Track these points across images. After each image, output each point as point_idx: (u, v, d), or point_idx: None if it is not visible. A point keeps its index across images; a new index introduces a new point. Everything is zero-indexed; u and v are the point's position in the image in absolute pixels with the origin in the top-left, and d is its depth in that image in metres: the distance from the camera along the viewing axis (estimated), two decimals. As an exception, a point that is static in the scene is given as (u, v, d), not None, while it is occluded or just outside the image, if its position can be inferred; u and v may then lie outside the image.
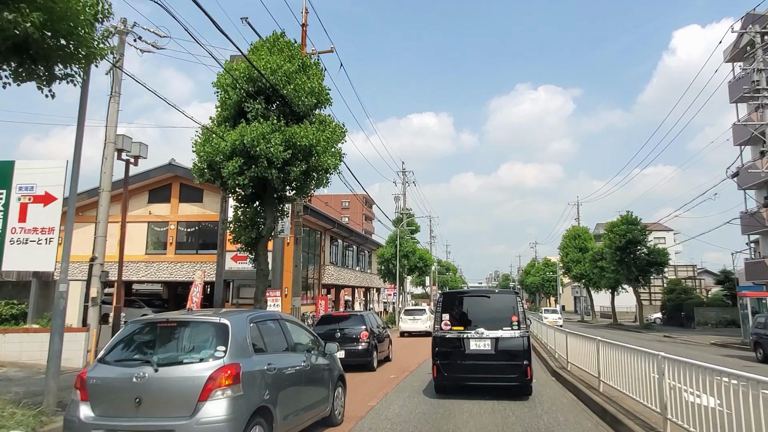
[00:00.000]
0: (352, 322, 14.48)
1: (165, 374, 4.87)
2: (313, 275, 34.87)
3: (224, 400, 4.75)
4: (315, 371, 6.76)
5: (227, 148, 12.76)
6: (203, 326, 5.47)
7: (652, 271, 37.24)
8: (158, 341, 5.43)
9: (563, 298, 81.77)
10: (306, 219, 32.38)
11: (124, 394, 4.84)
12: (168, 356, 5.16)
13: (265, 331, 5.99)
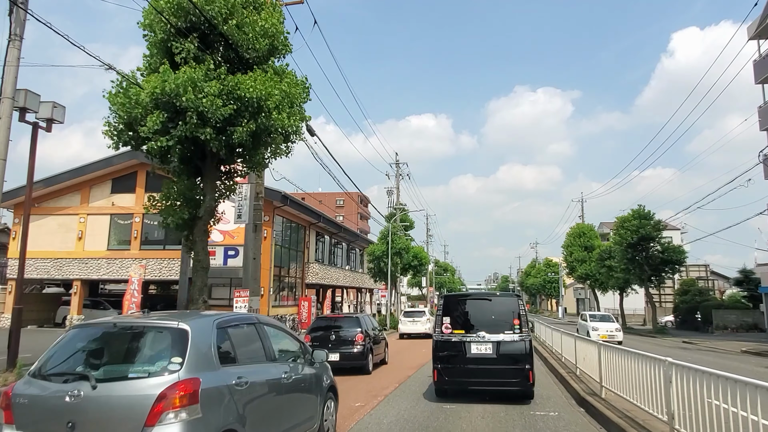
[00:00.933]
0: (347, 324, 13.70)
1: (105, 392, 3.94)
2: (295, 274, 31.75)
3: (177, 424, 3.82)
4: (300, 383, 5.75)
5: (147, 100, 9.71)
6: (158, 332, 4.46)
7: (666, 271, 34.20)
8: (103, 351, 4.50)
9: (564, 300, 78.58)
10: (286, 212, 29.30)
11: (56, 417, 3.93)
12: (111, 370, 4.23)
13: (236, 338, 5.01)
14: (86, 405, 3.90)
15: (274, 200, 26.69)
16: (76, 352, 4.45)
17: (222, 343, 4.64)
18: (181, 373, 4.01)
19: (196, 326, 4.44)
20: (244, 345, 5.10)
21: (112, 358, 4.45)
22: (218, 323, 4.76)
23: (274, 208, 27.34)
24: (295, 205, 28.44)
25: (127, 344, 4.46)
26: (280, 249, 29.26)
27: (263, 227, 27.94)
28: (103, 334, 4.59)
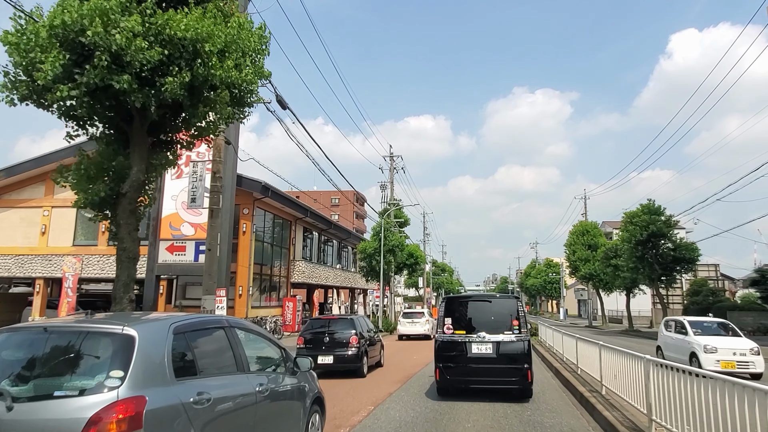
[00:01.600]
0: (342, 325, 13.22)
1: (24, 415, 3.11)
2: (279, 273, 29.43)
3: None
4: (279, 397, 4.92)
5: (44, 36, 7.44)
6: (97, 339, 3.59)
7: (678, 270, 31.95)
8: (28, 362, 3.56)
9: (565, 301, 76.25)
10: (269, 204, 26.99)
11: None
12: (35, 385, 3.34)
13: (199, 345, 4.15)
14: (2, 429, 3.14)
15: (253, 191, 24.42)
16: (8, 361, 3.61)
17: (178, 352, 3.86)
18: (121, 390, 3.27)
19: (146, 331, 3.68)
20: (208, 353, 4.34)
21: (40, 371, 3.54)
22: (176, 327, 3.94)
23: (254, 200, 25.05)
24: (278, 197, 26.14)
25: (60, 354, 3.59)
26: (261, 245, 26.96)
27: (242, 221, 25.68)
28: (31, 341, 3.72)
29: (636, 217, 32.27)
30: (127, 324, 3.67)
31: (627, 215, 33.17)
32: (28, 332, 3.89)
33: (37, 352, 3.60)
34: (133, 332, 3.56)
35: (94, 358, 3.60)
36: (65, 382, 3.38)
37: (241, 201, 24.93)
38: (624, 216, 33.52)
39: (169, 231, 21.76)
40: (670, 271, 32.29)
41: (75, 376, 3.43)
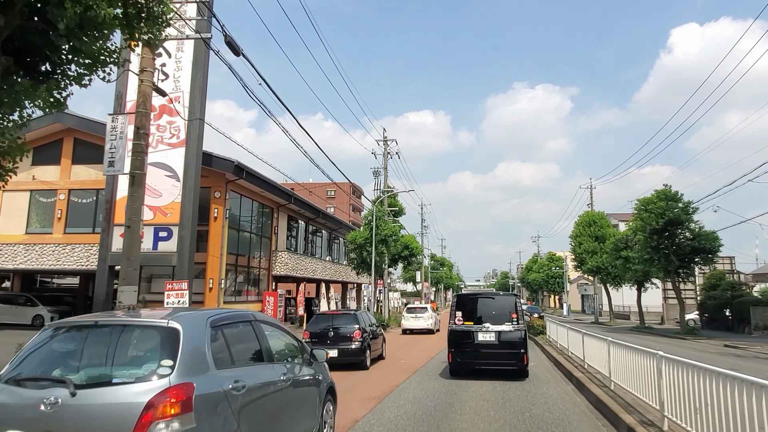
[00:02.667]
0: (345, 320, 13.64)
1: (85, 400, 3.38)
2: (259, 264, 26.70)
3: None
4: (299, 385, 5.25)
5: None
6: (144, 332, 3.92)
7: (696, 261, 29.20)
8: (83, 353, 3.84)
9: (568, 296, 73.50)
10: (245, 188, 24.22)
11: (30, 427, 3.36)
12: (93, 374, 3.64)
13: (232, 338, 4.41)
14: (64, 414, 3.35)
15: (226, 172, 21.66)
16: (53, 355, 3.91)
17: (216, 344, 4.10)
18: (172, 377, 3.51)
19: (189, 325, 3.92)
20: (239, 345, 4.57)
21: (94, 361, 3.80)
22: (212, 321, 4.20)
23: (227, 182, 22.29)
24: (254, 179, 23.38)
25: (111, 345, 3.81)
26: (237, 234, 24.22)
27: (212, 205, 22.89)
28: (84, 335, 3.97)
29: (651, 203, 29.47)
30: (171, 318, 3.89)
31: (641, 202, 30.37)
32: (81, 326, 4.06)
33: (91, 344, 3.87)
34: (177, 326, 3.81)
35: (145, 349, 3.82)
36: (120, 371, 3.62)
37: (212, 183, 22.21)
38: (637, 203, 30.73)
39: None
40: (688, 263, 29.51)
41: (128, 366, 3.69)
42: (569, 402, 8.50)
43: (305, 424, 5.28)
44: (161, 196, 18.92)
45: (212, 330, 4.10)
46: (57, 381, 3.55)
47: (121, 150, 9.57)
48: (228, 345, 4.28)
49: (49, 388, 3.48)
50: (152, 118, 20.29)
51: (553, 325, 19.26)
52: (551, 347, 16.69)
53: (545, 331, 21.44)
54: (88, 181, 23.02)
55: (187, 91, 19.20)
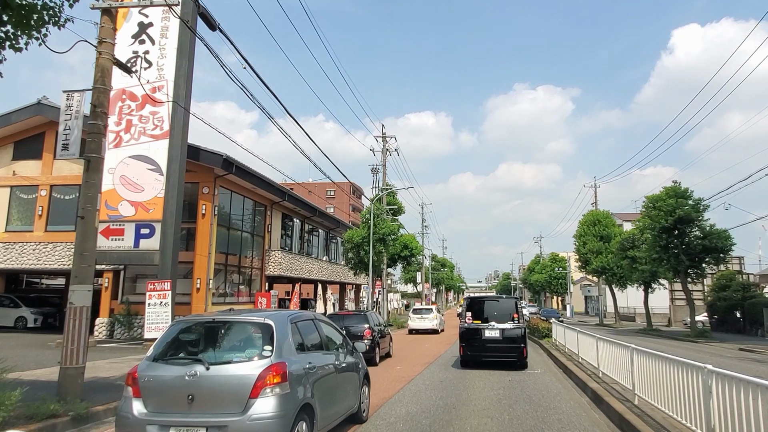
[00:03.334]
0: (356, 320, 14.69)
1: (216, 372, 4.86)
2: (251, 264, 25.59)
3: (273, 397, 4.79)
4: (345, 370, 6.70)
5: None
6: (248, 326, 5.48)
7: (707, 261, 28.03)
8: (205, 340, 5.39)
9: (572, 297, 72.22)
10: (235, 184, 23.10)
11: (177, 391, 4.84)
12: (218, 355, 5.14)
13: (303, 331, 5.96)
14: (202, 382, 4.78)
15: (214, 166, 20.54)
16: (187, 341, 5.40)
17: (295, 336, 5.59)
18: (272, 358, 4.98)
19: (277, 321, 5.36)
20: (307, 337, 6.00)
21: (215, 345, 5.31)
22: (290, 319, 5.76)
23: (216, 178, 21.17)
24: (245, 174, 22.26)
25: (227, 335, 5.42)
26: (227, 232, 23.11)
27: (200, 202, 21.74)
28: (206, 327, 5.50)
29: (660, 201, 28.29)
30: (265, 317, 5.38)
31: (649, 199, 29.19)
32: (203, 322, 5.62)
33: (210, 335, 5.42)
34: (270, 322, 5.28)
35: (251, 338, 5.30)
36: (237, 353, 5.15)
37: (200, 178, 21.10)
38: (645, 201, 29.55)
39: (105, 211, 17.90)
40: (699, 263, 28.32)
41: (241, 350, 5.22)
42: (586, 419, 7.36)
43: (350, 401, 6.70)
44: (143, 190, 17.82)
45: (291, 325, 5.55)
46: (194, 359, 4.94)
47: (76, 131, 8.45)
48: (302, 336, 5.75)
49: (190, 364, 4.89)
50: (134, 108, 19.29)
51: (560, 328, 18.12)
52: (558, 352, 15.55)
53: (551, 333, 20.31)
54: (71, 177, 21.90)
55: (172, 79, 18.09)
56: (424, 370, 13.02)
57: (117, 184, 18.03)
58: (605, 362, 9.68)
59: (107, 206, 17.96)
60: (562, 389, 9.86)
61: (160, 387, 4.93)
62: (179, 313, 20.54)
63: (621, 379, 8.41)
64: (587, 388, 9.16)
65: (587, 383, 9.32)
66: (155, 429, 4.74)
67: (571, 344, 14.83)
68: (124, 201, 17.93)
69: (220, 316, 5.63)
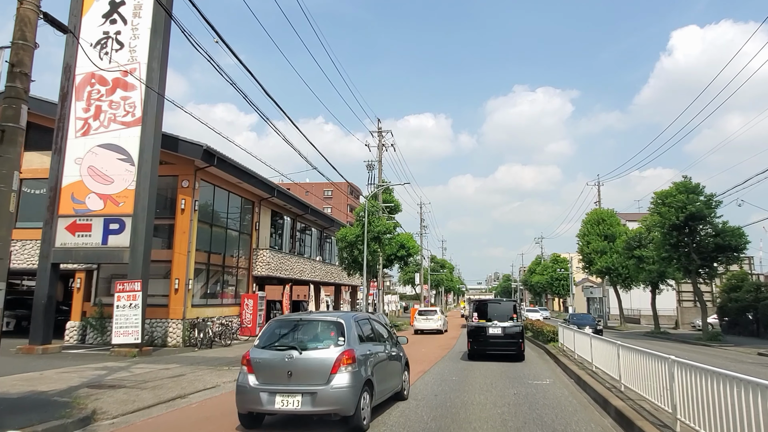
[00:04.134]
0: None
1: (307, 356, 6.71)
2: (237, 264, 24.11)
3: (347, 373, 6.56)
4: (393, 358, 8.54)
5: None
6: (326, 324, 7.32)
7: (720, 259, 26.57)
8: (296, 333, 7.20)
9: (574, 299, 70.68)
10: (218, 177, 21.60)
11: (279, 369, 6.64)
12: (306, 344, 6.94)
13: (362, 327, 7.76)
14: (297, 362, 6.63)
15: (194, 158, 19.08)
16: (282, 334, 7.23)
17: (357, 330, 7.41)
18: (344, 346, 6.80)
19: (346, 320, 7.25)
20: (365, 331, 7.80)
21: (304, 337, 7.14)
22: (354, 318, 7.63)
23: (197, 170, 19.71)
24: (229, 167, 20.80)
25: (311, 330, 7.31)
26: (210, 229, 21.63)
27: (180, 196, 20.25)
28: (295, 324, 7.41)
29: (669, 197, 26.84)
30: (337, 317, 7.34)
31: (658, 195, 27.73)
32: (293, 320, 7.54)
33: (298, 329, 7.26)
34: (341, 320, 7.17)
35: (329, 332, 7.07)
36: (320, 342, 6.95)
37: (180, 171, 19.65)
38: (654, 197, 28.08)
39: (71, 205, 16.44)
40: (711, 262, 26.86)
41: (323, 340, 6.99)
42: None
43: (395, 381, 8.51)
44: (113, 182, 16.35)
45: (354, 322, 7.45)
46: (290, 347, 6.81)
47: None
48: (362, 330, 7.61)
49: (287, 350, 6.76)
50: (104, 93, 17.80)
51: (569, 332, 16.63)
52: (567, 359, 14.05)
53: (557, 337, 18.83)
54: (42, 170, 20.39)
55: (145, 62, 16.65)
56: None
57: (85, 175, 16.56)
58: (628, 374, 8.21)
59: (74, 199, 16.50)
60: (578, 406, 8.38)
61: (267, 365, 6.70)
62: (156, 315, 19.09)
63: (651, 395, 6.93)
64: (609, 405, 7.68)
65: (609, 399, 7.84)
66: (266, 395, 6.48)
67: (582, 350, 13.35)
68: (92, 194, 16.45)
69: (305, 316, 7.78)
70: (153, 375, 11.41)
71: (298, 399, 6.39)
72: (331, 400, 6.38)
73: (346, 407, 6.40)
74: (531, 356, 16.73)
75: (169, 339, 18.63)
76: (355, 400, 6.50)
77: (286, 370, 6.54)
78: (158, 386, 9.96)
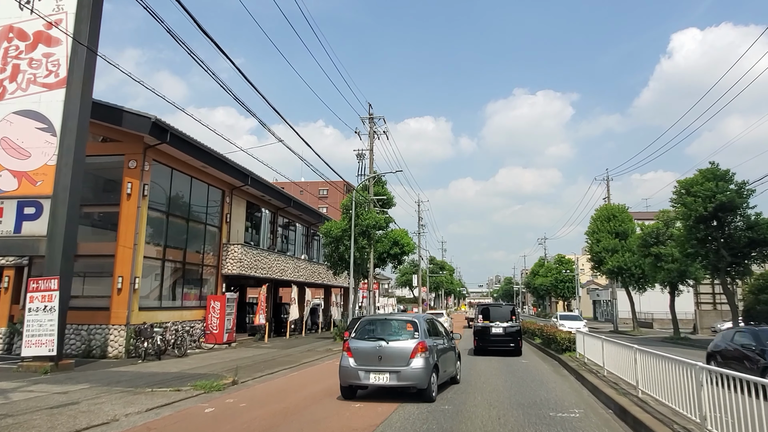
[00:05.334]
0: None
1: (392, 345, 9.00)
2: (202, 261, 21.05)
3: (422, 358, 8.79)
4: (450, 349, 10.79)
5: None
6: (404, 321, 9.74)
7: (754, 256, 23.51)
8: (381, 328, 9.65)
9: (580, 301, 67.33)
10: (176, 159, 18.42)
11: (372, 354, 8.94)
12: (391, 336, 9.24)
13: (429, 324, 10.14)
14: (385, 350, 8.90)
15: (143, 134, 16.02)
16: (370, 328, 9.67)
17: (426, 326, 9.74)
18: (419, 338, 9.05)
19: (418, 319, 9.70)
20: (430, 327, 10.12)
21: (388, 331, 9.47)
22: (423, 317, 10.11)
23: (146, 148, 16.68)
24: (186, 146, 17.77)
25: (393, 326, 9.67)
26: (166, 219, 18.56)
27: (126, 179, 17.08)
28: (381, 321, 9.99)
29: (695, 185, 23.74)
30: (412, 317, 9.85)
31: (682, 184, 24.64)
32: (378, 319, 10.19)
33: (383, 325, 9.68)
34: (415, 320, 9.55)
35: (407, 328, 9.38)
36: (401, 335, 9.24)
37: (126, 149, 16.62)
38: (677, 186, 24.98)
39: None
40: (742, 258, 23.75)
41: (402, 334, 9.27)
42: None
43: (452, 368, 10.87)
44: (30, 157, 13.31)
45: (423, 321, 9.81)
46: (379, 338, 9.06)
47: None
48: (429, 327, 9.88)
49: (377, 340, 9.02)
50: (23, 50, 14.62)
51: (590, 340, 13.55)
52: (596, 377, 10.93)
53: (574, 346, 15.75)
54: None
55: (73, 12, 13.65)
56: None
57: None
58: (716, 413, 5.13)
59: (-18, 178, 13.44)
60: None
61: (363, 352, 9.02)
62: (95, 321, 15.89)
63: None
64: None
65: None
66: (362, 372, 8.85)
67: (612, 365, 10.30)
68: (5, 171, 13.41)
69: (388, 317, 10.51)
70: (33, 404, 8.34)
71: (387, 376, 8.74)
72: (411, 377, 8.70)
73: (421, 382, 8.72)
74: (544, 371, 13.65)
75: (110, 349, 15.56)
76: (428, 378, 8.80)
77: (377, 355, 8.86)
78: (14, 426, 6.89)
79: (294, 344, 22.50)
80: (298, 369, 14.11)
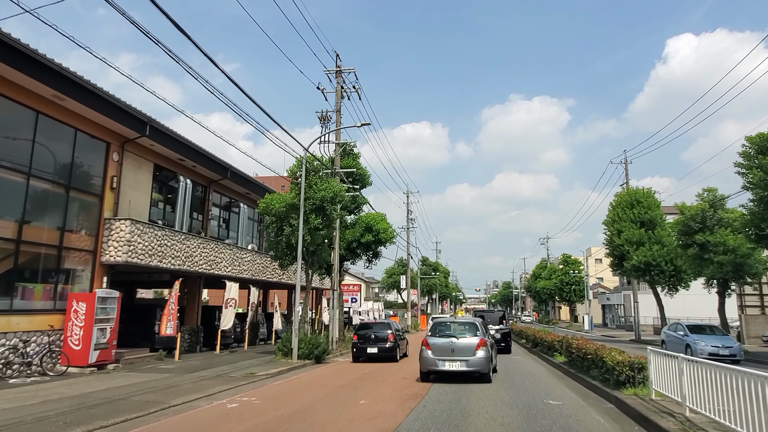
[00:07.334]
0: (382, 327, 18.22)
1: (461, 341, 12.26)
2: (59, 241, 14.22)
3: (483, 351, 12.10)
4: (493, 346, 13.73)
5: None
6: (468, 323, 13.26)
7: None
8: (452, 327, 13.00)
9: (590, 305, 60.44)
10: (8, 81, 11.90)
11: (445, 348, 12.18)
12: (459, 334, 12.58)
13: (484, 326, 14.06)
14: (455, 344, 12.24)
15: None
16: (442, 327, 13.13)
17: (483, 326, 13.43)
18: (480, 336, 12.50)
19: (478, 322, 13.39)
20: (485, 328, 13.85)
21: (458, 330, 12.87)
22: (480, 321, 13.77)
23: None
24: (20, 57, 11.02)
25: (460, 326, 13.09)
26: None
27: None
28: (451, 323, 13.48)
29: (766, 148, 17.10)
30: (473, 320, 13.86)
31: (753, 141, 17.97)
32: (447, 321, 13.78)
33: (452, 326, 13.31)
34: (476, 322, 13.41)
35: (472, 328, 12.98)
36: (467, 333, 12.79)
37: None
38: (746, 145, 18.34)
39: None
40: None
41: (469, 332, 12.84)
42: None
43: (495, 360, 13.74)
44: None
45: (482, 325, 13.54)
46: (451, 335, 12.67)
47: None
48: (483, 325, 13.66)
49: (449, 337, 12.55)
50: None
51: (686, 365, 6.82)
52: None
53: (639, 374, 9.02)
54: None
55: None
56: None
57: None
58: None
59: None
60: None
61: (438, 346, 12.28)
62: None
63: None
64: None
65: None
66: (439, 360, 12.09)
67: None
68: None
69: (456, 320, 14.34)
70: None
71: (458, 363, 12.01)
72: (476, 365, 11.99)
73: (483, 368, 12.05)
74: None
75: None
76: (488, 365, 12.19)
77: (450, 348, 12.14)
78: None
79: (214, 363, 15.96)
80: (145, 423, 7.33)
